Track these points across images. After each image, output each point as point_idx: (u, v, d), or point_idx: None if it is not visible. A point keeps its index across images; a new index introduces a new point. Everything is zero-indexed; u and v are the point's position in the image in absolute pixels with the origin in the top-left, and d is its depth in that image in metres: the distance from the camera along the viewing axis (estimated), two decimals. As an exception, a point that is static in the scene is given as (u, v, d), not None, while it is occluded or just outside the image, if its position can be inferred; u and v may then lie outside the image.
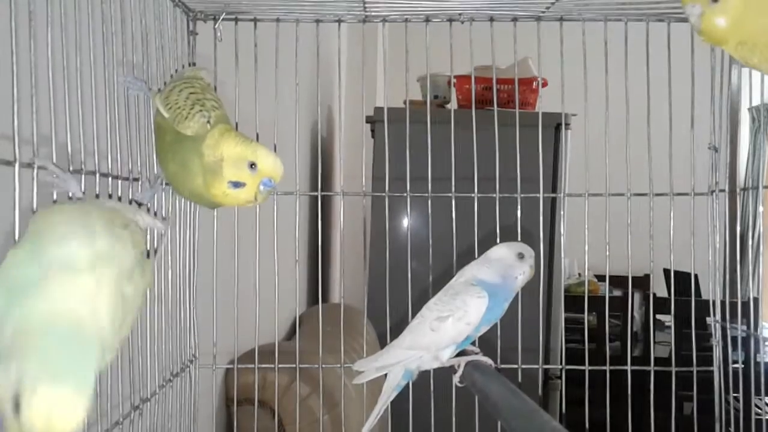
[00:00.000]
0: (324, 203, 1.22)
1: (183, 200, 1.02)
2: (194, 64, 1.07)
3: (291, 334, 1.85)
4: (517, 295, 1.02)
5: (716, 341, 1.09)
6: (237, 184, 0.79)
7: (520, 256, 0.94)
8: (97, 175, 0.76)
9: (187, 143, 0.80)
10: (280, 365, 1.11)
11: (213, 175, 0.79)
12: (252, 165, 0.78)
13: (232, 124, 0.87)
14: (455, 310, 0.91)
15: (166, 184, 0.90)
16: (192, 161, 0.80)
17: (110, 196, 0.79)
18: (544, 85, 2.26)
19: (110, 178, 0.79)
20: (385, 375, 0.96)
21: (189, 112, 0.80)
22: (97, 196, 0.75)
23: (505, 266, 0.94)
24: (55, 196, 0.67)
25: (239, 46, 1.05)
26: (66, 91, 0.69)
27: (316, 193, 1.15)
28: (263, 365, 1.11)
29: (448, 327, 0.91)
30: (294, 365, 1.12)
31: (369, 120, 2.40)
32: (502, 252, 0.96)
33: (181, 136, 0.80)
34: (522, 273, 0.94)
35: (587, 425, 1.11)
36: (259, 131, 1.04)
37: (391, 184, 1.11)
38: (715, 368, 1.09)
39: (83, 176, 0.72)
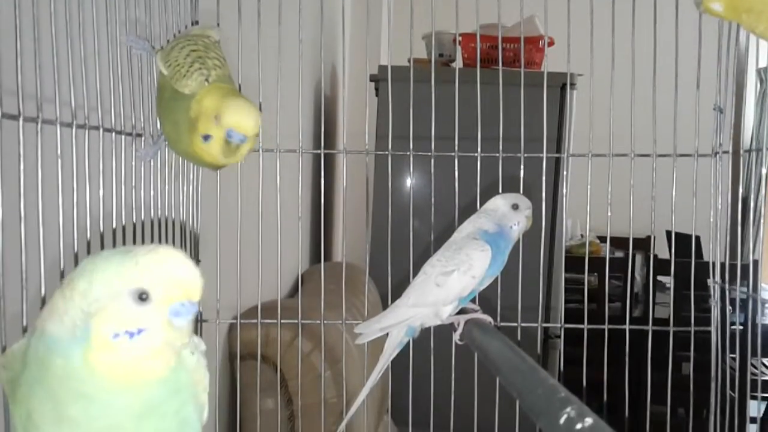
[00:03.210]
0: (327, 162, 1.22)
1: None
2: (197, 23, 1.06)
3: (293, 292, 1.86)
4: (517, 254, 1.03)
5: (715, 302, 1.10)
6: (207, 137, 0.76)
7: (515, 206, 0.96)
8: (101, 130, 0.76)
9: (182, 102, 0.79)
10: (282, 321, 1.12)
11: (192, 130, 0.77)
12: (216, 116, 0.75)
13: (234, 84, 0.86)
14: (460, 264, 0.92)
15: None
16: (183, 119, 0.78)
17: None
18: (551, 44, 2.24)
19: (114, 134, 0.80)
20: (387, 333, 0.97)
21: (188, 70, 0.79)
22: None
23: (500, 216, 0.95)
24: (59, 151, 0.67)
25: (242, 1, 1.04)
26: (69, 47, 0.69)
27: (318, 151, 1.15)
28: (266, 320, 1.12)
29: (453, 281, 0.91)
30: (296, 321, 1.13)
31: (373, 78, 2.39)
32: (497, 203, 0.97)
33: (178, 95, 0.79)
34: (517, 223, 0.96)
35: (584, 383, 1.12)
36: (261, 88, 1.04)
37: (394, 142, 1.11)
38: (712, 329, 1.10)
39: (87, 131, 0.72)
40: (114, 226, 0.79)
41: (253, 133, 0.77)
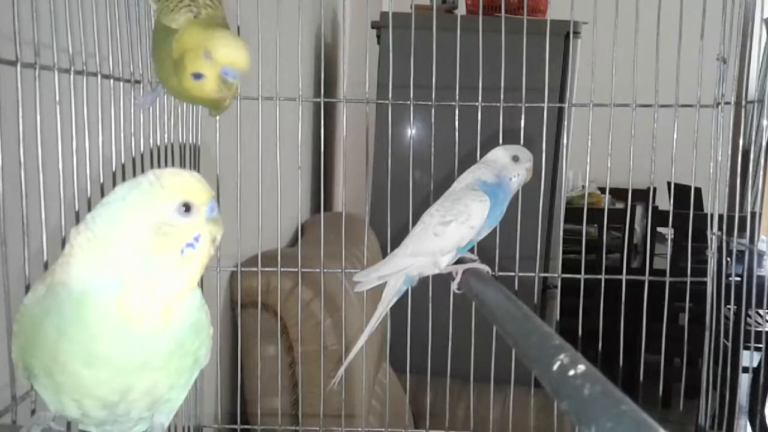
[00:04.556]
0: (327, 110, 1.21)
1: (185, 104, 1.01)
2: None
3: (294, 242, 1.87)
4: (517, 204, 1.03)
5: (711, 253, 1.11)
6: (198, 76, 0.73)
7: (515, 158, 0.95)
8: (99, 76, 0.76)
9: (167, 37, 0.76)
10: (282, 269, 1.13)
11: (179, 68, 0.74)
12: (207, 54, 0.72)
13: (228, 26, 0.84)
14: (458, 215, 0.92)
15: None
16: (167, 55, 0.76)
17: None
18: (555, -9, 2.20)
19: (111, 80, 0.79)
20: (385, 282, 0.98)
21: (176, 5, 0.77)
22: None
23: (500, 167, 0.95)
24: (57, 97, 0.67)
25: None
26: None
27: (318, 100, 1.14)
28: (266, 269, 1.13)
29: (451, 231, 0.92)
30: (296, 270, 1.14)
31: (374, 25, 2.35)
32: (497, 154, 0.96)
33: (165, 31, 0.76)
34: (516, 175, 0.95)
35: (581, 332, 1.14)
36: (260, 35, 1.03)
37: (395, 91, 1.10)
38: (708, 279, 1.11)
39: (85, 77, 0.72)
40: (114, 172, 0.79)
41: (246, 68, 0.74)
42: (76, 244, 0.48)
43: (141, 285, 0.47)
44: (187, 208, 0.49)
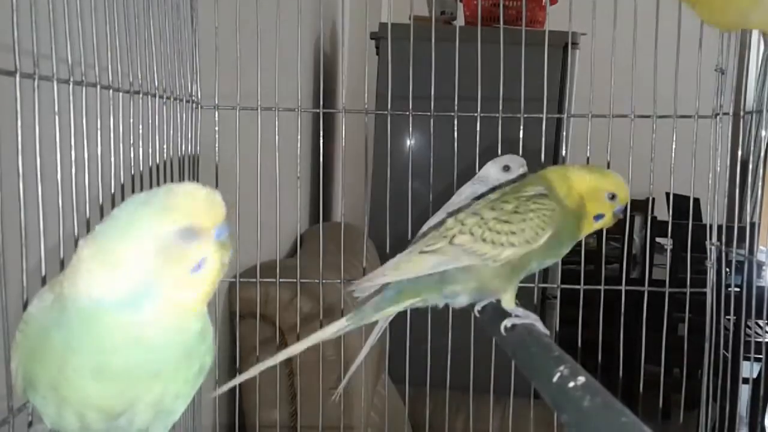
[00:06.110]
0: (326, 121, 1.21)
1: (184, 114, 1.01)
2: None
3: (293, 253, 1.87)
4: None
5: (711, 264, 1.10)
6: (599, 217, 0.79)
7: (506, 168, 0.95)
8: (98, 87, 0.76)
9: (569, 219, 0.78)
10: (281, 280, 1.13)
11: (581, 215, 0.78)
12: (612, 196, 0.78)
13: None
14: None
15: None
16: (569, 226, 0.78)
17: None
18: (553, 2, 2.21)
19: (111, 91, 0.79)
20: None
21: (536, 232, 0.77)
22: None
23: (493, 181, 0.95)
24: (56, 108, 0.67)
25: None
26: (65, 1, 0.68)
27: (317, 110, 1.14)
28: (265, 279, 1.13)
29: None
30: (295, 280, 1.14)
31: (373, 36, 2.36)
32: (488, 171, 0.96)
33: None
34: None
35: (580, 343, 1.14)
36: (260, 45, 1.03)
37: (394, 102, 1.10)
38: (708, 290, 1.10)
39: (84, 88, 0.72)
40: (113, 183, 0.79)
41: None
42: (82, 257, 0.47)
43: (149, 300, 0.47)
44: (190, 233, 0.47)
